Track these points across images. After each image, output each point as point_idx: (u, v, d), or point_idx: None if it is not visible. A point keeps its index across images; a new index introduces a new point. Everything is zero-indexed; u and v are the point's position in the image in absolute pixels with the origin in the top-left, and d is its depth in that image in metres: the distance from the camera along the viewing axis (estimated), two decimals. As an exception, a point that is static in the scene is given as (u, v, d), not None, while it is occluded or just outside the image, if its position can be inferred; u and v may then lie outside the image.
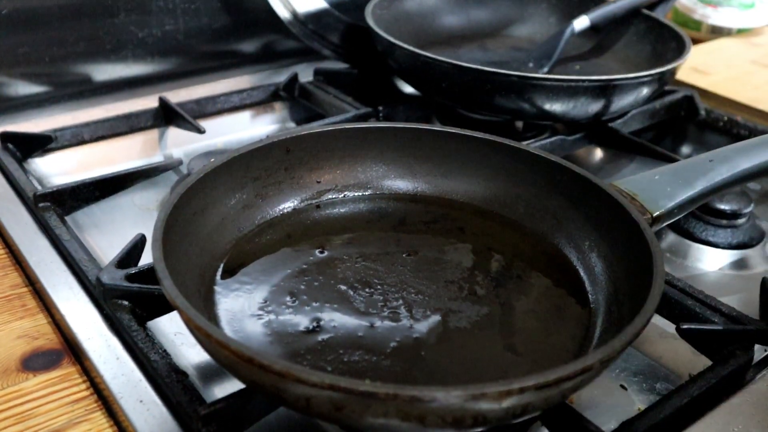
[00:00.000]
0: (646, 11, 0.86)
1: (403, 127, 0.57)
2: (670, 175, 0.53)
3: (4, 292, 0.53)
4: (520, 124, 0.79)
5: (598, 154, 0.83)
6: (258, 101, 0.81)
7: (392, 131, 0.57)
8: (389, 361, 0.42)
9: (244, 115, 0.81)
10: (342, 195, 0.57)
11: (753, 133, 0.78)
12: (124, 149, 0.74)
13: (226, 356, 0.36)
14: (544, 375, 0.34)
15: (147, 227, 0.43)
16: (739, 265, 0.63)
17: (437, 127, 0.57)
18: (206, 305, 0.45)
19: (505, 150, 0.56)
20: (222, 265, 0.49)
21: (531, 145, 0.66)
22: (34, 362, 0.47)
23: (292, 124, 0.83)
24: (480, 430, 0.37)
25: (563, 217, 0.53)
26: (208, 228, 0.49)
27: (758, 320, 0.50)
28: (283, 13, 0.83)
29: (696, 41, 1.03)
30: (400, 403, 0.33)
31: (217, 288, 0.47)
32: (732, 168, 0.53)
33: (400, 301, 0.47)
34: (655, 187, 0.51)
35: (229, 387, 0.44)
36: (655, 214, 0.49)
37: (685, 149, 0.84)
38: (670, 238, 0.66)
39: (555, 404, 0.38)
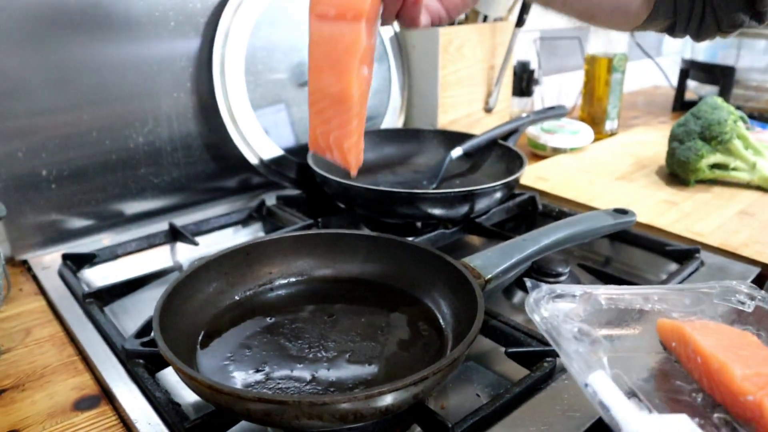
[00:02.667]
0: (501, 141, 0.94)
1: (324, 233, 0.63)
2: (498, 251, 0.59)
3: (63, 360, 0.57)
4: (419, 224, 0.84)
5: (478, 240, 0.90)
6: (238, 220, 0.85)
7: (317, 236, 0.63)
8: (310, 386, 0.48)
9: (228, 231, 0.84)
10: (287, 280, 0.62)
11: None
12: (145, 260, 0.77)
13: (195, 386, 0.42)
14: (393, 383, 0.40)
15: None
16: (563, 309, 0.71)
17: (347, 231, 0.64)
18: (191, 359, 0.51)
19: (393, 243, 0.62)
20: (203, 333, 0.54)
21: (419, 239, 0.74)
22: (82, 404, 0.51)
23: (261, 234, 0.87)
24: (362, 423, 0.42)
25: (430, 283, 0.59)
26: (193, 308, 0.55)
27: (560, 343, 0.57)
28: (253, 160, 0.88)
29: (543, 158, 1.13)
30: (303, 407, 0.39)
31: (198, 348, 0.52)
32: (537, 244, 0.60)
33: (320, 347, 0.53)
34: (488, 260, 0.58)
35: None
36: (486, 278, 0.56)
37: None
38: (519, 294, 0.72)
39: (412, 404, 0.43)
